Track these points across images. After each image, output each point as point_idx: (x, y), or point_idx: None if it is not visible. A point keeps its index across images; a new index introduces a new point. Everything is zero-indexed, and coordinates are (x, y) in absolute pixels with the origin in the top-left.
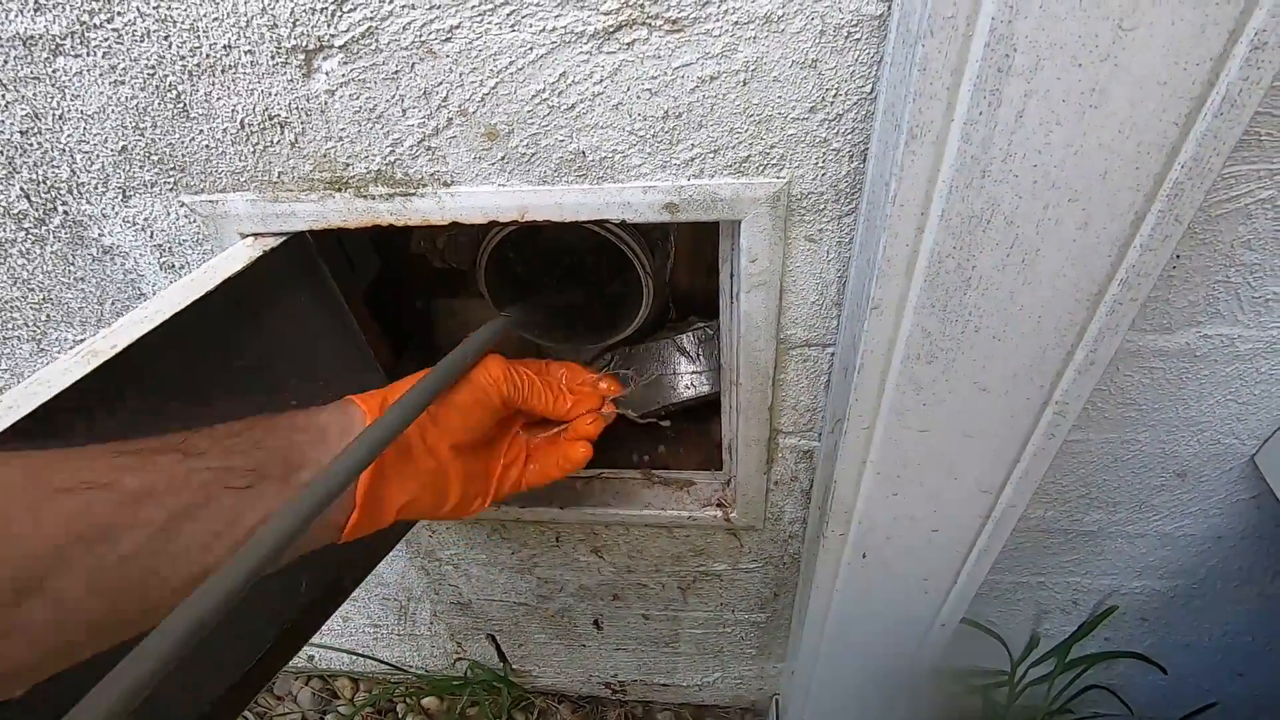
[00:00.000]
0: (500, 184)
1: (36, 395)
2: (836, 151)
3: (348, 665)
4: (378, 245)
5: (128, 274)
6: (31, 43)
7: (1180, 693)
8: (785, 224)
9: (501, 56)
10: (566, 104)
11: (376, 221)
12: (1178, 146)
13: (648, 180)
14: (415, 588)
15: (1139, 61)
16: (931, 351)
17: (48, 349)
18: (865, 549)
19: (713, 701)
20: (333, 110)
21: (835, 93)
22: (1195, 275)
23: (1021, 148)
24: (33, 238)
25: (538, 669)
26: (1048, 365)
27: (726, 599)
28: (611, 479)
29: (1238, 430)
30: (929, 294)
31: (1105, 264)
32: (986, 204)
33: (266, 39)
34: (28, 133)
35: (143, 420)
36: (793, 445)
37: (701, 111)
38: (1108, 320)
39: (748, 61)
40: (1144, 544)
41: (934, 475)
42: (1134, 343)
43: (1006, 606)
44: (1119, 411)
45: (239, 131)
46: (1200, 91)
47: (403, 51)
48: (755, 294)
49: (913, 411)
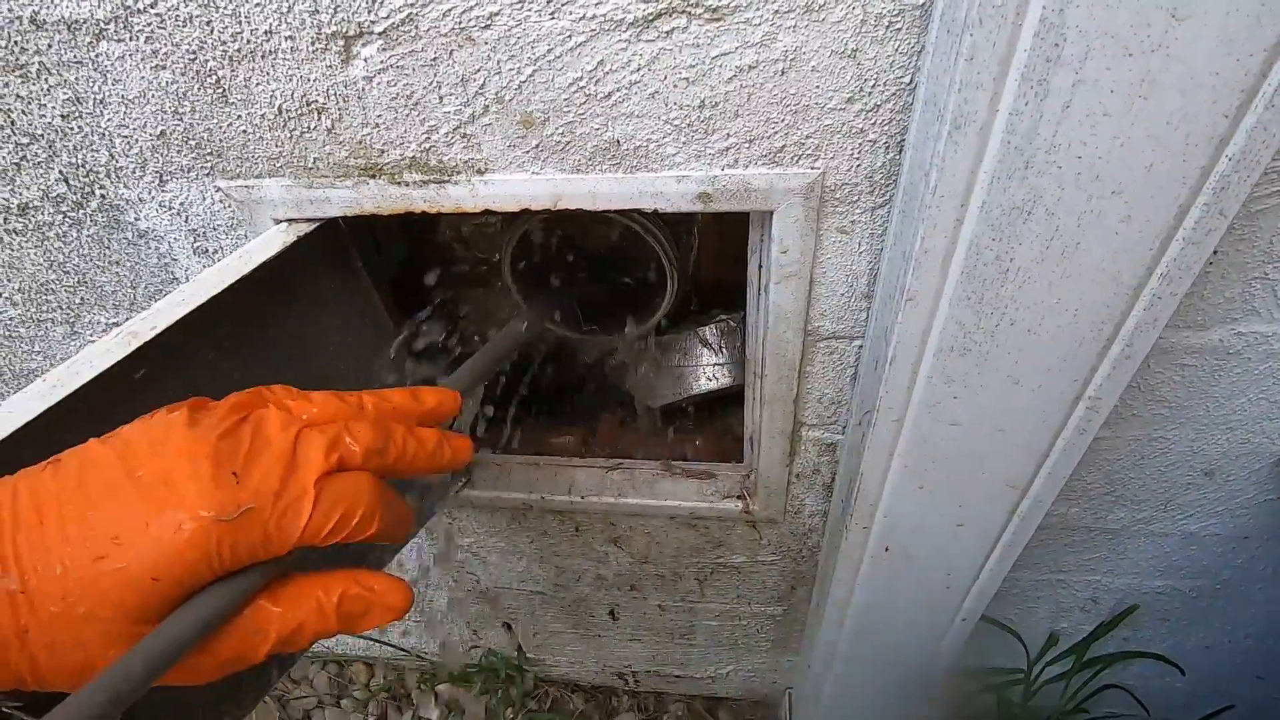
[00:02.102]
0: (534, 172)
1: (79, 375)
2: (873, 143)
3: (363, 650)
4: (405, 233)
5: (162, 258)
6: (76, 27)
7: (1198, 695)
8: (818, 215)
9: (540, 44)
10: (603, 92)
11: (410, 208)
12: (1226, 139)
13: (681, 170)
14: (433, 574)
15: (1192, 51)
16: (965, 344)
17: (81, 332)
18: (888, 542)
19: (725, 694)
20: (370, 97)
21: (874, 83)
22: (1232, 272)
23: (1067, 139)
24: (70, 221)
25: (552, 658)
26: (1082, 360)
27: (744, 592)
28: (632, 469)
29: (1268, 429)
30: (965, 286)
31: (1146, 257)
32: (1028, 195)
33: (307, 25)
34: (68, 117)
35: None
36: (816, 438)
37: (738, 101)
38: (1145, 315)
39: (786, 51)
40: (1168, 543)
41: (962, 469)
42: (1166, 339)
43: (1025, 604)
44: (1148, 409)
45: (276, 117)
46: (1253, 83)
47: (442, 38)
48: (785, 285)
49: (944, 405)
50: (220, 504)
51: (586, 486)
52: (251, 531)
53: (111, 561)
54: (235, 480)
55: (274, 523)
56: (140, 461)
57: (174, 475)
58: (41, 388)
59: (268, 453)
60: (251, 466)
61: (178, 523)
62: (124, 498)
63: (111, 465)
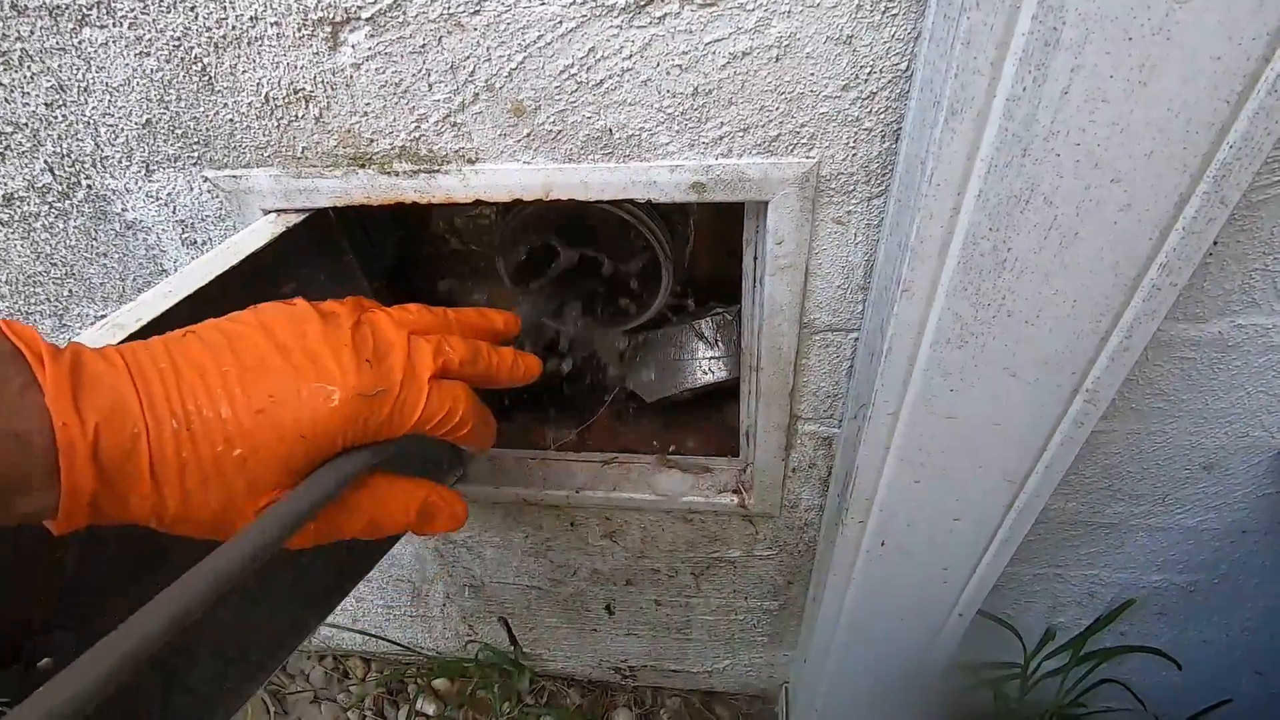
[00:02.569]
0: (525, 161)
1: None
2: (869, 131)
3: (360, 645)
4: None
5: (150, 249)
6: (58, 13)
7: (1195, 689)
8: (813, 205)
9: (530, 30)
10: (595, 80)
11: (400, 198)
12: (1228, 125)
13: (675, 159)
14: (429, 569)
15: (1193, 35)
16: (962, 336)
17: (70, 324)
18: (884, 537)
19: (722, 688)
20: (358, 84)
21: (870, 70)
22: (1232, 263)
23: (1065, 125)
24: (56, 212)
25: (548, 652)
26: (1080, 352)
27: (740, 586)
28: (628, 463)
29: (1267, 422)
30: (962, 277)
31: (1146, 247)
32: (1026, 184)
33: (293, 10)
34: (52, 105)
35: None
36: (812, 431)
37: (732, 89)
38: (1144, 306)
39: (781, 37)
40: (1166, 537)
41: (959, 463)
42: (1165, 332)
43: (1022, 598)
44: (1146, 402)
45: (263, 105)
46: (1255, 68)
47: (430, 24)
48: (780, 277)
49: (940, 397)
50: (362, 383)
51: (582, 481)
52: (381, 410)
53: (270, 416)
54: (370, 367)
55: (398, 407)
56: (286, 341)
57: (321, 356)
58: None
59: (391, 350)
60: (381, 359)
61: (329, 393)
62: (277, 367)
63: (259, 341)
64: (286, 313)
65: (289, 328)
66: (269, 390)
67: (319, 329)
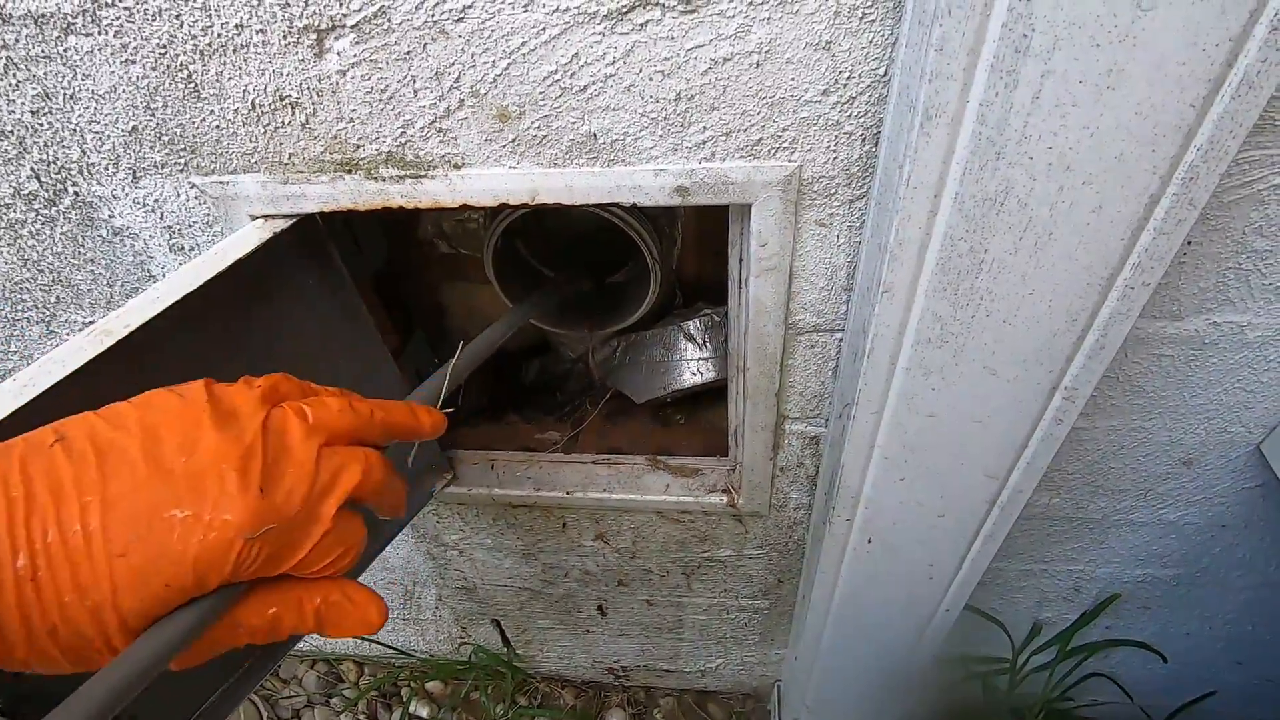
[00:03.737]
0: (511, 166)
1: (51, 374)
2: (849, 135)
3: (353, 649)
4: (386, 230)
5: (137, 255)
6: (43, 21)
7: (1180, 681)
8: (796, 208)
9: (514, 37)
10: (579, 85)
11: (387, 204)
12: (1194, 129)
13: (659, 163)
14: (421, 572)
15: (1158, 42)
16: (942, 336)
17: (57, 331)
18: (871, 534)
19: (715, 687)
20: (344, 91)
21: (849, 75)
22: (1206, 262)
23: (1037, 129)
24: (43, 219)
25: (541, 654)
26: (1058, 350)
27: (730, 585)
28: (618, 464)
29: (1245, 418)
30: (941, 278)
31: (1118, 248)
32: (1000, 186)
33: (279, 18)
34: (38, 113)
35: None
36: (799, 431)
37: (714, 94)
38: (1119, 305)
39: (761, 43)
40: (1148, 532)
41: (942, 460)
42: (1143, 330)
43: (1009, 594)
44: (1126, 399)
45: (250, 112)
46: (1219, 73)
47: (415, 31)
48: (765, 279)
49: (922, 396)
50: (249, 520)
51: (573, 482)
52: (265, 549)
53: (132, 561)
54: (261, 496)
55: (286, 545)
56: (166, 456)
57: (204, 481)
58: (12, 387)
59: (292, 470)
60: (276, 483)
61: (205, 532)
62: (147, 499)
63: (134, 456)
64: (177, 412)
65: (174, 436)
66: (135, 529)
67: (211, 441)
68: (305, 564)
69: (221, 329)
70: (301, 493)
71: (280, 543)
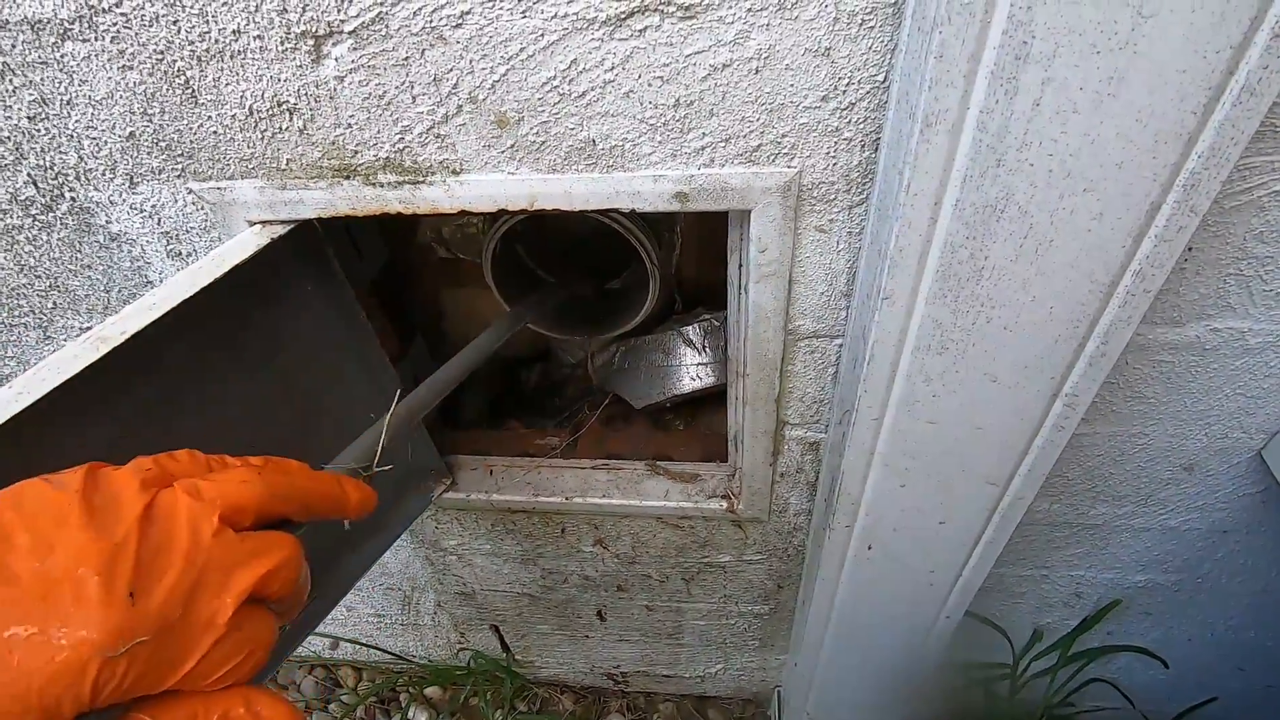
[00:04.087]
0: (510, 172)
1: (46, 381)
2: (848, 141)
3: (351, 655)
4: (386, 235)
5: (135, 261)
6: (40, 27)
7: (1181, 687)
8: (795, 214)
9: (513, 43)
10: (577, 91)
11: (385, 209)
12: (1195, 136)
13: (658, 169)
14: (419, 578)
15: (1158, 49)
16: (942, 342)
17: (54, 336)
18: (871, 541)
19: (715, 693)
20: (342, 97)
21: (848, 81)
22: (1207, 268)
23: (1038, 136)
24: (40, 224)
25: (540, 659)
26: (1059, 357)
27: (730, 591)
28: (617, 470)
29: (1246, 424)
30: (941, 284)
31: (1119, 255)
32: (1001, 193)
33: (276, 24)
34: (35, 118)
35: (155, 408)
36: (799, 437)
37: (713, 100)
38: (1120, 312)
39: (760, 49)
40: (1149, 538)
41: (942, 467)
42: (1143, 336)
43: (1010, 600)
44: (1127, 405)
45: (247, 118)
46: (1220, 80)
47: (413, 37)
48: (764, 285)
49: (922, 403)
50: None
51: (572, 487)
52: (134, 667)
53: None
54: (129, 603)
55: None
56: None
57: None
58: (7, 395)
59: (177, 565)
60: (154, 584)
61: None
62: None
63: None
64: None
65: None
66: None
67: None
68: (196, 676)
69: (219, 335)
70: (183, 591)
71: (158, 657)
